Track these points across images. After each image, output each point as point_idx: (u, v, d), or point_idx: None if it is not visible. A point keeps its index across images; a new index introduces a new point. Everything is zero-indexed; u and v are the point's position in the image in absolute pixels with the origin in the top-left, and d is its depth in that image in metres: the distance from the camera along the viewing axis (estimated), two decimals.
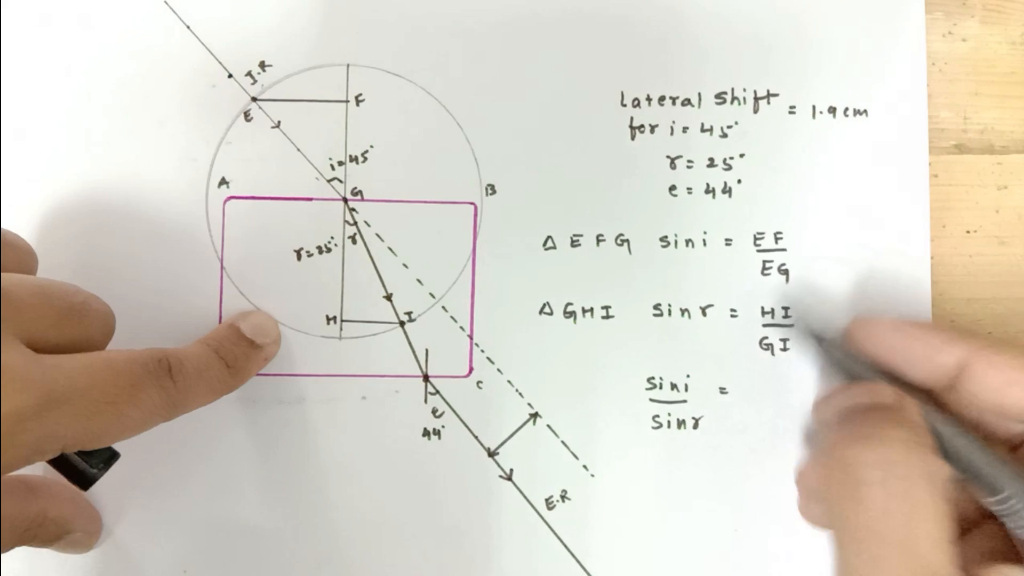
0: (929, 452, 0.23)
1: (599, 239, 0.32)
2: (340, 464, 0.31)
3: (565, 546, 0.31)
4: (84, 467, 0.25)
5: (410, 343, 0.31)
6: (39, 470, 0.29)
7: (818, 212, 0.32)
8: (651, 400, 0.31)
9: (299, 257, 0.31)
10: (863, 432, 0.24)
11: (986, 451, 0.25)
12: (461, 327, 0.31)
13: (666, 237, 0.32)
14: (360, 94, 0.32)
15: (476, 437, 0.31)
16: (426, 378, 0.31)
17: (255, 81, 0.31)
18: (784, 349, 0.31)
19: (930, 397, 0.26)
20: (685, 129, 0.32)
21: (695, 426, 0.31)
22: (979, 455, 0.24)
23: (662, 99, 0.32)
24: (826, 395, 0.29)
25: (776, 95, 0.32)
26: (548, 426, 0.31)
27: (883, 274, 0.31)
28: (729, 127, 0.32)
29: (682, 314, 0.32)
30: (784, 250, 0.32)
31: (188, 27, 0.31)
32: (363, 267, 0.31)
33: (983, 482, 0.24)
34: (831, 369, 0.30)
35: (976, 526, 0.26)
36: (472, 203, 0.32)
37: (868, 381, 0.27)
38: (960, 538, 0.25)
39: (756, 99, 0.32)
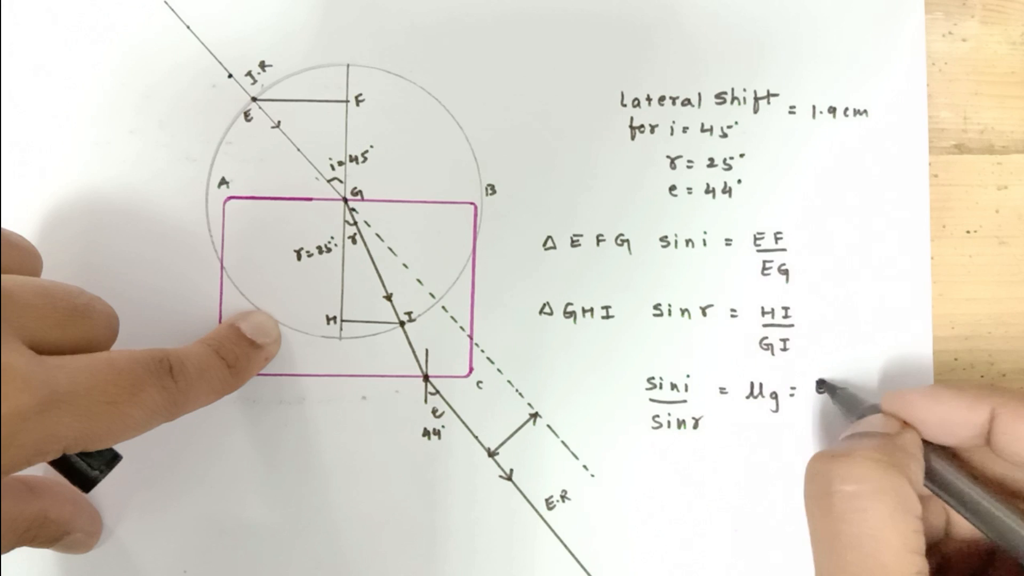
0: (899, 475, 0.24)
1: (599, 239, 0.32)
2: (340, 464, 0.31)
3: (565, 546, 0.31)
4: (85, 469, 0.25)
5: (410, 343, 0.31)
6: (40, 471, 0.29)
7: (818, 212, 0.32)
8: (651, 400, 0.31)
9: (299, 257, 0.31)
10: (842, 450, 0.26)
11: (985, 496, 0.26)
12: (461, 327, 0.31)
13: (666, 237, 0.32)
14: (360, 94, 0.31)
15: (476, 437, 0.31)
16: (426, 378, 0.31)
17: (255, 81, 0.31)
18: (784, 349, 0.31)
19: (952, 455, 0.27)
20: (685, 129, 0.32)
21: (695, 426, 0.31)
22: (978, 499, 0.26)
23: (662, 99, 0.32)
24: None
25: (776, 95, 0.32)
26: (548, 426, 0.31)
27: (883, 274, 0.32)
28: (729, 127, 0.32)
29: (682, 314, 0.32)
30: (784, 250, 0.32)
31: (188, 27, 0.31)
32: (363, 267, 0.31)
33: (984, 526, 0.26)
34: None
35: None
36: (472, 203, 0.32)
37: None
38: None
39: (756, 99, 0.32)
